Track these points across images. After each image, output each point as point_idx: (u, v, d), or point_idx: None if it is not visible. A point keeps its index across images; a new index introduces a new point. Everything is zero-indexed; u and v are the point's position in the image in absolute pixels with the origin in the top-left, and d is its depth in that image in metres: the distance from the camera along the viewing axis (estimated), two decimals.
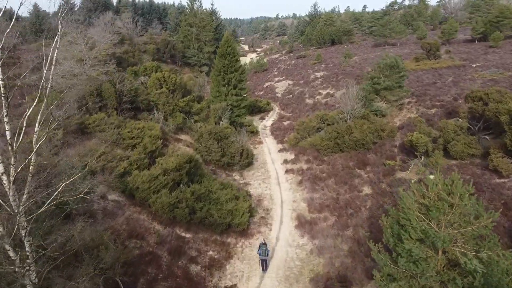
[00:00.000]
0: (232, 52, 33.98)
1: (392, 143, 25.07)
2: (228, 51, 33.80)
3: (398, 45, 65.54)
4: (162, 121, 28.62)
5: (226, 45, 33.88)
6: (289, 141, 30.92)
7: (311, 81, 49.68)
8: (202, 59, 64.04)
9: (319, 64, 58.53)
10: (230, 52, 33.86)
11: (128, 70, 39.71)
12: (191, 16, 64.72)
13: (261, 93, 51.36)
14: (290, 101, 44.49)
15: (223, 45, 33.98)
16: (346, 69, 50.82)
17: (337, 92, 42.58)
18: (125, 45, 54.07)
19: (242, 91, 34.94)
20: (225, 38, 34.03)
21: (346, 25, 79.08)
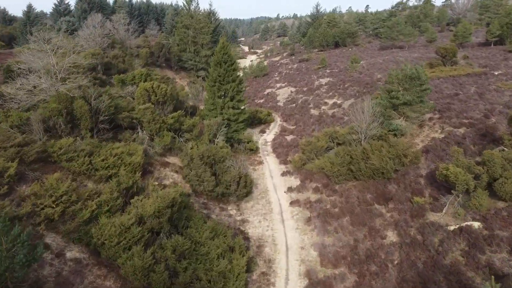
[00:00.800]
0: (229, 60, 29.89)
1: (416, 172, 20.98)
2: (224, 58, 29.71)
3: (406, 48, 61.37)
4: (147, 141, 24.55)
5: (222, 52, 29.79)
6: (293, 162, 26.84)
7: (315, 88, 45.54)
8: (199, 63, 59.95)
9: (323, 69, 54.39)
10: (226, 59, 29.77)
11: (115, 78, 35.72)
12: (187, 18, 60.57)
13: (261, 101, 47.26)
14: (293, 111, 40.37)
15: (219, 51, 29.89)
16: (354, 75, 46.69)
17: (345, 102, 38.48)
18: (115, 49, 49.99)
19: (240, 104, 30.87)
20: (221, 44, 29.93)
21: (350, 27, 74.92)
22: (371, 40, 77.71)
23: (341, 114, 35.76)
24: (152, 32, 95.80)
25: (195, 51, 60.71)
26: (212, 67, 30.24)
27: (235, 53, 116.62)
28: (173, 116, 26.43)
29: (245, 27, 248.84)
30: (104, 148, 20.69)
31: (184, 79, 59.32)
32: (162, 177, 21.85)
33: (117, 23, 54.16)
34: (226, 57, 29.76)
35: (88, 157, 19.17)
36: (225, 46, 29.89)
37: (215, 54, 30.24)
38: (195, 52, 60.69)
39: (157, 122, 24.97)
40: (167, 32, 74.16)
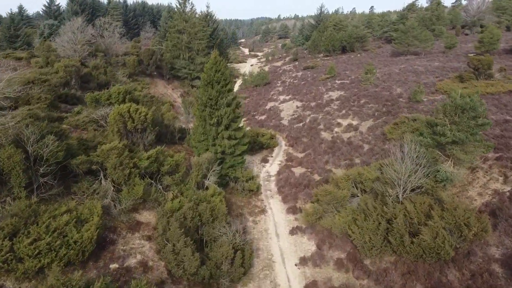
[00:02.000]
0: (223, 79, 23.43)
1: (486, 251, 14.54)
2: (217, 77, 23.25)
3: (422, 55, 54.81)
4: (112, 193, 18.13)
5: (214, 69, 23.33)
6: (305, 215, 20.41)
7: (325, 104, 39.03)
8: (193, 72, 53.48)
9: (332, 79, 47.88)
10: (219, 79, 23.32)
11: (87, 97, 29.25)
12: (180, 21, 54.00)
13: (262, 118, 40.76)
14: (300, 133, 33.90)
15: (210, 69, 23.41)
16: (368, 88, 40.18)
17: (362, 124, 31.98)
18: (97, 57, 43.51)
19: (238, 133, 24.41)
20: (212, 60, 23.44)
21: (358, 30, 68.35)
22: (380, 44, 71.09)
23: (359, 140, 29.29)
24: (148, 35, 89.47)
25: (189, 58, 54.24)
26: (202, 87, 23.77)
27: (234, 56, 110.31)
28: (149, 155, 19.94)
29: (246, 28, 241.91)
30: (41, 216, 14.31)
31: (177, 89, 52.88)
32: (127, 253, 15.43)
33: (101, 28, 47.62)
34: (219, 75, 23.29)
35: (9, 239, 12.79)
36: (217, 61, 23.40)
37: (205, 71, 23.77)
38: (189, 59, 54.23)
39: (126, 167, 18.51)
40: (160, 36, 67.59)
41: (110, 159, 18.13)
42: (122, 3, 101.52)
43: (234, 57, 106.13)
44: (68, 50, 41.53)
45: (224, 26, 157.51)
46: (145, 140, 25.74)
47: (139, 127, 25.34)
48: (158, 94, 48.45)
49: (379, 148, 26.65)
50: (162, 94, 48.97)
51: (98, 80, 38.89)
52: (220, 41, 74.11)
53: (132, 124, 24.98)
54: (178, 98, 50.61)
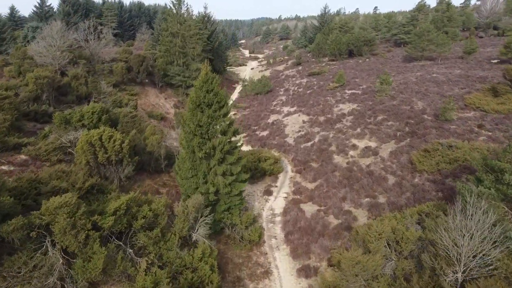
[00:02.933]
0: (216, 100, 18.32)
1: None
2: (209, 99, 18.16)
3: (439, 61, 49.58)
4: (60, 267, 13.03)
5: (205, 88, 18.23)
6: (322, 284, 15.30)
7: (336, 119, 33.87)
8: (188, 79, 48.33)
9: (341, 88, 42.71)
10: (211, 101, 18.22)
11: (54, 118, 24.09)
12: (174, 24, 48.81)
13: (264, 134, 35.60)
14: (309, 156, 28.77)
15: (199, 88, 18.30)
16: (384, 100, 35.03)
17: (382, 147, 26.83)
18: (79, 65, 38.36)
19: (235, 167, 19.28)
20: (203, 77, 18.30)
21: (366, 33, 63.07)
22: (390, 48, 65.82)
23: (380, 169, 24.15)
24: (144, 37, 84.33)
25: (184, 64, 49.09)
26: (190, 111, 18.63)
27: (234, 59, 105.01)
28: (116, 209, 14.78)
29: (246, 28, 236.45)
30: None
31: (170, 99, 47.75)
32: None
33: (85, 32, 42.44)
34: (211, 96, 18.18)
35: None
36: (209, 79, 18.28)
37: (194, 89, 18.64)
38: (184, 65, 49.07)
39: (82, 230, 13.38)
40: (154, 39, 62.39)
41: (59, 220, 13.02)
42: (117, 4, 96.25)
43: (234, 59, 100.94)
44: (46, 58, 36.37)
45: (224, 27, 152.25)
46: (121, 174, 20.66)
47: (113, 159, 20.24)
48: (149, 104, 43.36)
49: (409, 183, 21.52)
50: (153, 104, 43.86)
51: (77, 92, 33.82)
52: (219, 44, 68.97)
53: (105, 155, 19.93)
54: (171, 108, 45.51)
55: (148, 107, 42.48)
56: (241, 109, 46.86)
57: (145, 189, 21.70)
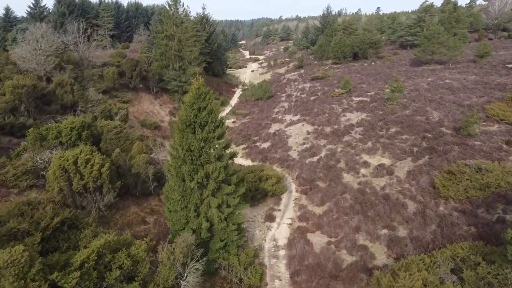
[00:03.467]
0: (210, 120, 15.34)
1: None
2: (202, 118, 15.18)
3: (450, 65, 46.55)
4: None
5: (197, 106, 15.23)
6: None
7: (343, 130, 30.89)
8: (185, 84, 45.34)
9: (347, 95, 39.71)
10: (204, 120, 15.26)
11: (29, 134, 21.10)
12: (170, 25, 45.82)
13: (266, 146, 32.62)
14: (315, 173, 25.81)
15: (190, 106, 15.31)
16: (396, 110, 32.05)
17: (398, 165, 23.86)
18: (66, 71, 35.39)
19: (232, 198, 16.31)
20: (194, 92, 15.25)
21: (371, 35, 60.04)
22: (396, 50, 62.76)
23: (398, 192, 21.19)
24: (141, 38, 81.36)
25: (180, 68, 46.09)
26: (179, 132, 15.64)
27: (234, 60, 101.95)
28: (85, 259, 11.82)
29: (246, 29, 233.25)
30: None
31: (165, 105, 44.81)
32: None
33: (73, 35, 39.46)
34: (205, 115, 15.21)
35: None
36: (201, 94, 15.28)
37: (183, 108, 15.65)
38: (180, 70, 46.08)
39: None
40: (150, 42, 59.40)
41: (3, 284, 10.06)
42: (114, 4, 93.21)
43: (234, 61, 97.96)
44: (29, 63, 33.46)
45: (224, 28, 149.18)
46: (100, 203, 17.71)
47: (90, 186, 17.30)
48: (142, 112, 40.40)
49: (433, 211, 18.54)
50: (146, 112, 40.91)
51: (62, 101, 30.92)
52: (218, 46, 66.00)
53: (80, 182, 17.01)
54: (166, 116, 42.56)
55: (141, 115, 39.53)
56: (241, 116, 43.90)
57: (129, 218, 18.76)
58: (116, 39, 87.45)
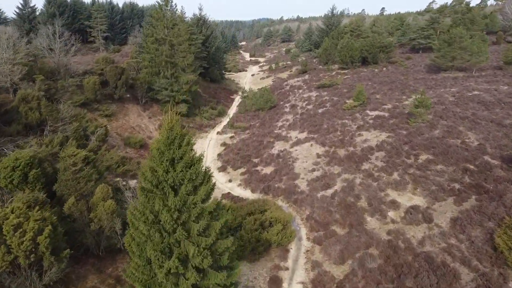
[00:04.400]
0: (190, 175, 10.05)
1: None
2: (177, 176, 9.89)
3: (473, 72, 41.23)
4: None
5: (169, 155, 9.95)
6: None
7: (361, 155, 25.60)
8: (177, 94, 40.12)
9: (361, 108, 34.41)
10: (179, 178, 9.96)
11: None
12: (161, 28, 40.52)
13: (268, 171, 27.32)
14: (331, 214, 20.56)
15: (159, 155, 10.03)
16: (422, 129, 26.75)
17: (436, 209, 18.60)
18: (36, 82, 30.10)
19: (223, 277, 11.03)
20: (165, 137, 10.01)
21: (381, 38, 54.67)
22: (409, 55, 57.35)
23: (443, 251, 15.93)
24: (136, 40, 76.16)
25: (172, 76, 40.82)
26: (141, 194, 10.38)
27: (234, 63, 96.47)
28: None
29: (247, 30, 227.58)
30: None
31: (155, 117, 39.55)
32: None
33: (48, 39, 34.21)
34: (182, 172, 9.94)
35: None
36: (175, 138, 10.02)
37: (148, 160, 10.39)
38: (172, 77, 40.81)
39: None
40: (141, 45, 54.05)
41: None
42: (108, 5, 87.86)
43: (234, 64, 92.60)
44: None
45: (223, 29, 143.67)
46: (38, 285, 12.48)
47: (21, 262, 12.08)
48: (128, 127, 35.14)
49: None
50: (133, 126, 35.66)
51: (27, 119, 25.73)
52: (216, 49, 60.68)
53: (7, 258, 11.72)
54: (156, 130, 37.30)
55: (126, 130, 34.29)
56: (240, 130, 38.64)
57: None
58: (110, 41, 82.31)
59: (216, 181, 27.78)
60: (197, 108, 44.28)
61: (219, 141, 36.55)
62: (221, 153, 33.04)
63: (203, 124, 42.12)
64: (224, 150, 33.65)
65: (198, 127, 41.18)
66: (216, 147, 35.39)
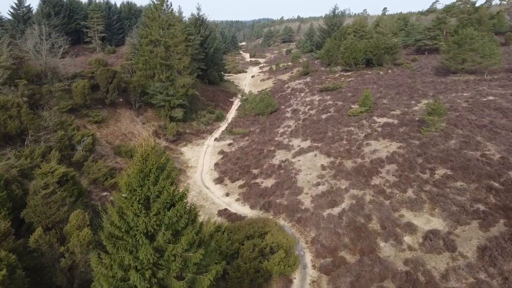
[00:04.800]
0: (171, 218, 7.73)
1: None
2: (152, 221, 7.58)
3: (485, 75, 38.93)
4: None
5: (142, 192, 7.63)
6: None
7: (370, 167, 23.31)
8: (173, 98, 37.85)
9: (367, 114, 32.11)
10: (156, 224, 7.64)
11: None
12: (155, 29, 38.25)
13: (269, 185, 25.03)
14: (339, 237, 18.30)
15: (129, 195, 7.71)
16: (436, 139, 24.45)
17: (457, 233, 16.32)
18: (18, 87, 27.80)
19: None
20: (138, 169, 7.71)
21: (386, 38, 52.31)
22: (415, 57, 54.99)
23: (468, 286, 13.63)
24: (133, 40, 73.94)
25: (168, 79, 38.56)
26: (108, 244, 8.07)
27: (233, 64, 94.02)
28: None
29: (247, 30, 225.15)
30: None
31: (150, 123, 37.27)
32: None
33: (33, 40, 31.95)
34: (159, 216, 7.63)
35: None
36: (151, 171, 7.72)
37: (116, 199, 8.09)
38: (168, 81, 38.55)
39: None
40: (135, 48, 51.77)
41: None
42: (105, 4, 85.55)
43: (233, 65, 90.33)
44: None
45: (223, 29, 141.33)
46: None
47: None
48: (119, 134, 32.88)
49: None
50: (124, 133, 33.39)
51: (5, 129, 23.51)
52: (214, 50, 58.40)
53: None
54: (150, 137, 34.98)
55: (117, 138, 32.03)
56: (239, 137, 36.38)
57: None
58: (107, 42, 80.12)
59: (212, 195, 25.64)
60: (194, 112, 42.01)
61: (217, 149, 34.28)
62: (218, 162, 30.77)
63: (200, 130, 39.83)
64: (222, 159, 31.38)
65: (195, 133, 38.90)
66: (213, 155, 33.12)
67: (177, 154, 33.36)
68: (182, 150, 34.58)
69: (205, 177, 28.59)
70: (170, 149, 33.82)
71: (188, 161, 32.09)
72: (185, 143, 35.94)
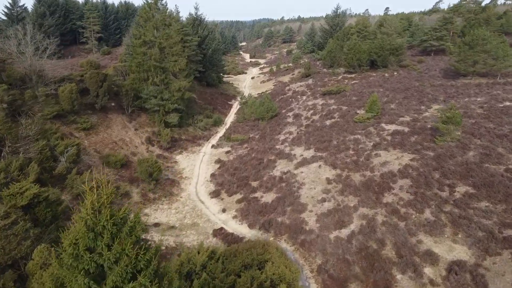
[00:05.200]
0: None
1: None
2: None
3: (498, 78, 36.61)
4: None
5: (92, 258, 5.29)
6: None
7: (381, 182, 21.03)
8: (168, 102, 35.57)
9: (375, 120, 29.82)
10: None
11: None
12: (149, 29, 35.98)
13: (269, 200, 22.77)
14: (348, 265, 16.06)
15: (72, 262, 5.40)
16: (454, 151, 22.16)
17: (487, 264, 13.98)
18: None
19: None
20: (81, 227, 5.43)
21: (391, 39, 49.99)
22: (421, 58, 52.64)
23: None
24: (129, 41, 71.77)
25: (162, 83, 36.28)
26: None
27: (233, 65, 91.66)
28: None
29: (247, 30, 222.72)
30: None
31: (143, 129, 34.98)
32: None
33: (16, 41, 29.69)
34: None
35: None
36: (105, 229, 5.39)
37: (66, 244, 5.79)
38: (162, 84, 36.28)
39: None
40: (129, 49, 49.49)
41: None
42: (101, 4, 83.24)
43: (233, 66, 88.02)
44: None
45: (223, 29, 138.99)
46: None
47: None
48: (109, 141, 30.60)
49: None
50: (115, 141, 31.10)
51: None
52: (213, 51, 56.11)
53: None
54: (142, 144, 32.76)
55: (107, 146, 29.76)
56: (237, 144, 34.12)
57: None
58: (103, 42, 77.89)
59: (208, 211, 23.36)
60: (190, 117, 39.76)
61: (214, 157, 32.02)
62: (215, 172, 28.51)
63: (197, 136, 37.57)
64: (219, 168, 29.13)
65: (191, 139, 36.63)
66: (209, 164, 30.86)
67: (171, 163, 31.10)
68: (176, 158, 32.31)
69: (200, 190, 26.32)
70: (164, 158, 31.57)
71: (183, 171, 29.83)
72: (180, 151, 33.68)
